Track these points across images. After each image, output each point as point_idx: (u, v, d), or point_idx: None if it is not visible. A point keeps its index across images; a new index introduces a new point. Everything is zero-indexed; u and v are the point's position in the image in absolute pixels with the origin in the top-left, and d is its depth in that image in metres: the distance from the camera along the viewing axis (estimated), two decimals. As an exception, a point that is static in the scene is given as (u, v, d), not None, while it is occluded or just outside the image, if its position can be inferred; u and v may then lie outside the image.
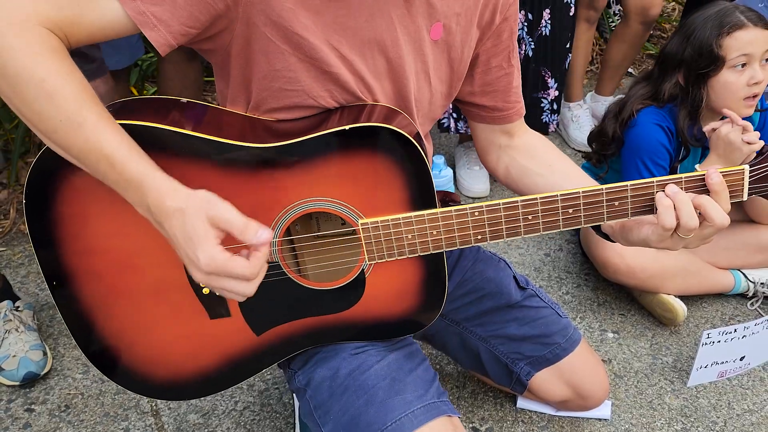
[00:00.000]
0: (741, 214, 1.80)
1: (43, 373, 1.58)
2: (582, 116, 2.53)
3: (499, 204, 0.93)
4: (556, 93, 2.15)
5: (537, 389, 1.37)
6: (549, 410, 1.48)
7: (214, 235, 0.79)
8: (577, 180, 1.10)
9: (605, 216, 0.94)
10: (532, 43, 2.06)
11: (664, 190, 0.91)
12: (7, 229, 2.12)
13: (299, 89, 0.95)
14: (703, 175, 0.91)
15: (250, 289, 0.83)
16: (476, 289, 1.31)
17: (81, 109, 0.80)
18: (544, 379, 1.36)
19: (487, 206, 0.93)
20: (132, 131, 0.85)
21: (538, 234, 0.95)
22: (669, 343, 1.68)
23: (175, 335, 1.02)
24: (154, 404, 1.53)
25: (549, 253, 1.99)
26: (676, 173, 1.68)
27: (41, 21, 0.80)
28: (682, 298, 1.71)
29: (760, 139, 1.54)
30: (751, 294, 1.79)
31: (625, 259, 1.65)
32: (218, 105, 1.04)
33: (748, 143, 1.50)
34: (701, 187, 0.91)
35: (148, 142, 0.86)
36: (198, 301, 0.99)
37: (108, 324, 1.02)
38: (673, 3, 3.49)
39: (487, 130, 1.21)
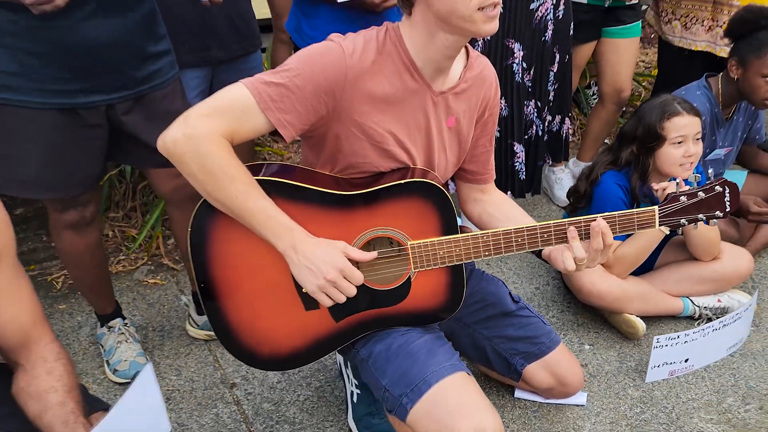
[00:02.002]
0: (687, 254, 2.30)
1: (147, 374, 2.04)
2: (564, 179, 3.07)
3: (499, 232, 1.44)
4: (550, 160, 2.73)
5: (529, 379, 1.83)
6: (539, 399, 1.94)
7: (341, 257, 1.35)
8: (525, 223, 1.61)
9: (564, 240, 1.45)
10: (541, 125, 2.62)
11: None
12: (98, 268, 2.60)
13: (368, 162, 1.47)
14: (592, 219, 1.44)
15: (353, 290, 1.38)
16: (482, 300, 1.80)
17: (248, 188, 1.33)
18: (534, 370, 1.82)
19: (492, 232, 1.44)
20: (269, 184, 1.36)
21: (524, 251, 1.46)
22: (632, 353, 2.15)
23: (279, 322, 1.50)
24: (235, 396, 1.99)
25: (539, 287, 2.48)
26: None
27: (221, 133, 1.32)
28: (643, 318, 2.19)
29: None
30: (697, 316, 2.27)
31: (595, 285, 2.14)
32: (304, 166, 1.56)
33: None
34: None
35: (277, 191, 1.38)
36: (299, 298, 1.48)
37: (234, 314, 1.50)
38: (641, 88, 4.10)
39: (468, 187, 1.75)
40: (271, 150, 3.41)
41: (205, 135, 1.31)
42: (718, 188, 1.49)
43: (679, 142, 2.09)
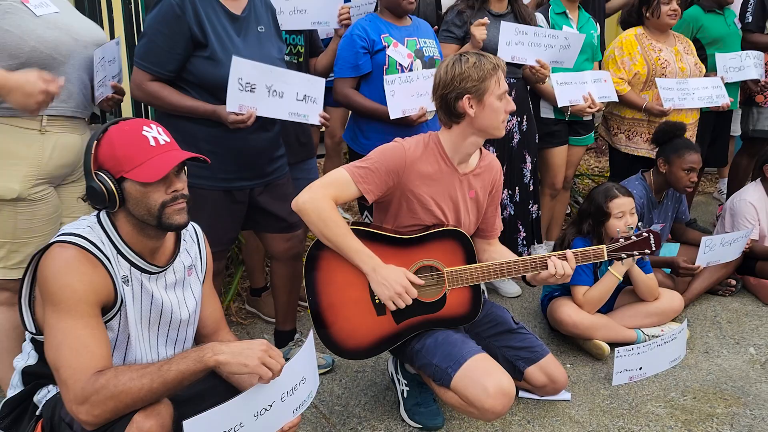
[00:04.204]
0: (636, 298, 3.11)
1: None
2: (543, 252, 3.91)
3: (503, 261, 2.25)
4: (524, 234, 3.55)
5: (529, 378, 2.54)
6: (535, 396, 2.65)
7: (404, 278, 2.11)
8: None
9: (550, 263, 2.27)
10: (513, 207, 3.49)
11: (550, 259, 2.27)
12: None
13: (418, 218, 2.29)
14: (565, 252, 2.28)
15: (410, 300, 2.14)
16: (493, 320, 2.54)
17: (346, 232, 2.13)
18: (532, 371, 2.53)
19: (499, 261, 2.25)
20: (357, 231, 2.17)
21: (521, 274, 2.27)
22: (602, 368, 2.90)
23: (359, 324, 2.24)
24: (312, 402, 2.66)
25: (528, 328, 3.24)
26: (596, 272, 3.03)
27: (331, 197, 2.13)
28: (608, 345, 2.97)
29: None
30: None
31: (571, 317, 2.93)
32: (375, 223, 2.36)
33: None
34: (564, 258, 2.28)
35: (362, 235, 2.17)
36: (373, 307, 2.23)
37: (330, 320, 2.23)
38: (590, 181, 5.08)
39: (480, 240, 2.53)
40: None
41: (322, 198, 2.13)
42: (645, 234, 2.36)
43: (620, 216, 2.97)
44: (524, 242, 3.56)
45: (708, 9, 3.94)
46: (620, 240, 2.37)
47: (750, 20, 4.06)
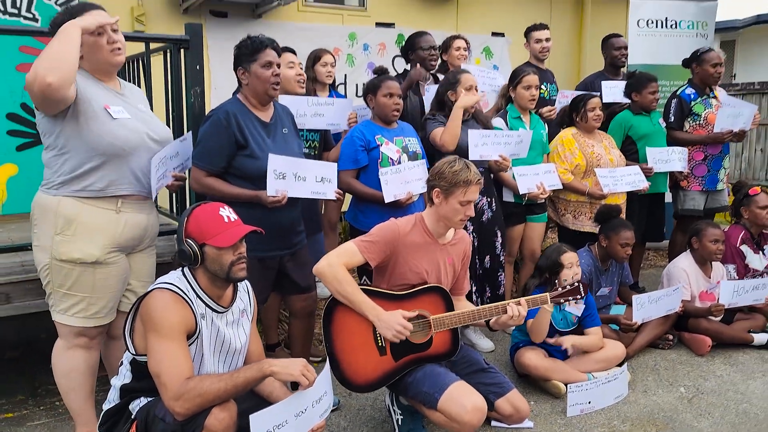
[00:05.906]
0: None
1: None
2: (510, 315, 4.58)
3: (477, 308, 2.93)
4: (489, 294, 4.24)
5: (498, 409, 3.14)
6: (504, 425, 3.26)
7: (402, 319, 2.78)
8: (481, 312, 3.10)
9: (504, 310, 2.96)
10: (482, 272, 4.18)
11: (509, 305, 2.96)
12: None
13: (407, 279, 2.97)
14: (519, 300, 2.97)
15: (408, 333, 2.80)
16: (468, 361, 3.18)
17: (355, 289, 2.81)
18: (501, 403, 3.14)
19: (471, 309, 2.93)
20: (364, 289, 2.85)
21: (488, 318, 2.95)
22: (559, 404, 3.52)
23: (365, 362, 2.87)
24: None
25: (499, 375, 3.87)
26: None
27: (344, 263, 2.83)
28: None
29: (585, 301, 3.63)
30: (597, 384, 3.70)
31: (532, 361, 3.58)
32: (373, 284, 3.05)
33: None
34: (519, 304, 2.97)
35: (368, 293, 2.86)
36: (376, 348, 2.88)
37: (342, 359, 2.87)
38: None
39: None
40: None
41: (337, 264, 2.82)
42: (576, 284, 3.07)
43: (570, 266, 3.68)
44: (488, 302, 4.24)
45: (636, 112, 4.83)
46: (559, 289, 3.09)
47: (672, 120, 4.95)
